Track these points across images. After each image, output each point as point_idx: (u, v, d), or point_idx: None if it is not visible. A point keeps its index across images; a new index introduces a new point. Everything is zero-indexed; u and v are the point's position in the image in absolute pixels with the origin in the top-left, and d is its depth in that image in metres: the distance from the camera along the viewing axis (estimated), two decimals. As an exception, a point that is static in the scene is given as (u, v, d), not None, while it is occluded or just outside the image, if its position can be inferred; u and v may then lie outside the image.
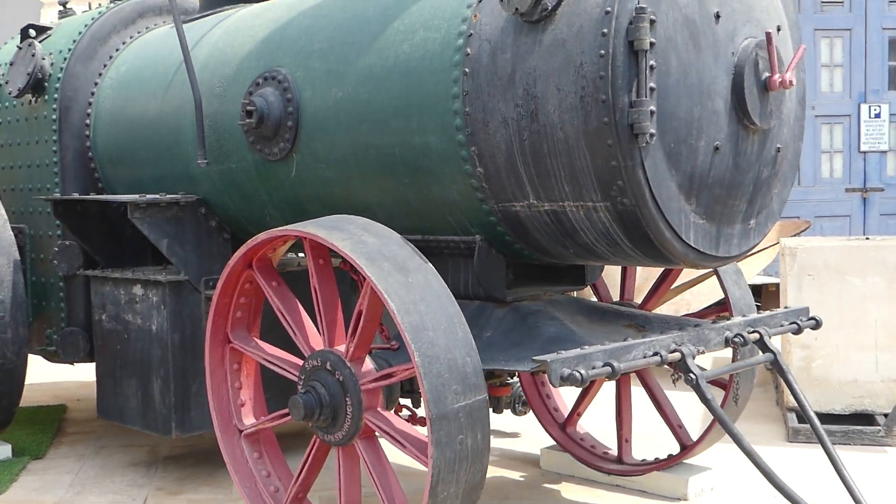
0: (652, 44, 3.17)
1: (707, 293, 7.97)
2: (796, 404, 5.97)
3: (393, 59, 3.84)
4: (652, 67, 3.18)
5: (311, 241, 3.50)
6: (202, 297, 4.76)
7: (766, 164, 3.65)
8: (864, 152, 10.81)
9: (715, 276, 4.60)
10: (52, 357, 5.68)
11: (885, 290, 5.76)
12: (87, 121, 5.41)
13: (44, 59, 5.48)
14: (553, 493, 4.83)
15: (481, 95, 3.51)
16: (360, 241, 3.41)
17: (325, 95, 4.10)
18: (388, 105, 3.84)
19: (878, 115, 10.73)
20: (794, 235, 7.53)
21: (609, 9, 3.19)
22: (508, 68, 3.43)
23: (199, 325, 4.74)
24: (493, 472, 4.96)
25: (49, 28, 5.93)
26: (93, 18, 5.60)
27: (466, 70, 3.55)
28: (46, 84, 5.48)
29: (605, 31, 3.18)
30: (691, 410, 5.42)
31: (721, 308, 4.71)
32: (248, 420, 4.10)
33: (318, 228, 3.49)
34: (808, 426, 5.56)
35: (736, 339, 3.75)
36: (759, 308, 10.07)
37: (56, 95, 5.42)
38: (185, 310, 4.77)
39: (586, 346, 3.30)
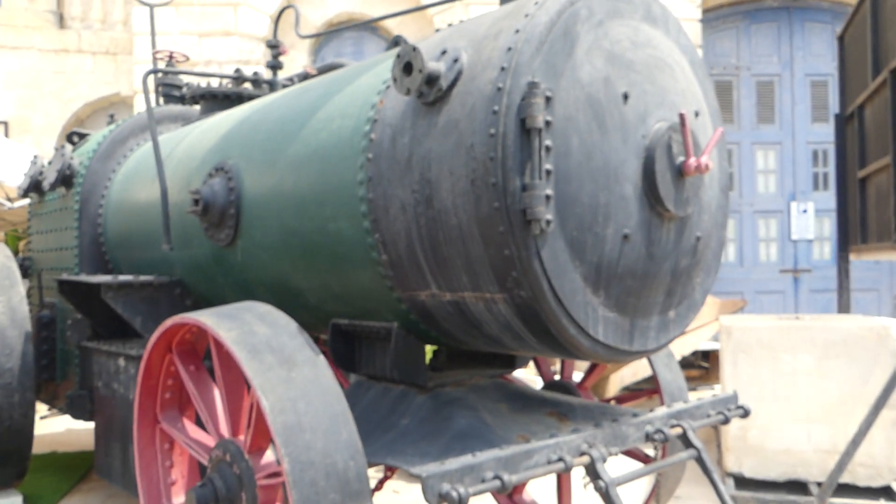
0: (548, 122, 2.06)
1: (677, 350, 6.68)
2: (737, 470, 4.68)
3: (313, 147, 2.77)
4: (548, 148, 2.05)
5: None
6: (175, 370, 3.68)
7: (685, 253, 2.47)
8: (795, 240, 9.55)
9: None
10: (70, 414, 4.63)
11: (814, 367, 4.46)
12: (100, 210, 4.43)
13: (72, 159, 4.56)
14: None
15: (382, 181, 2.41)
16: (250, 331, 2.31)
17: (261, 184, 3.04)
18: (307, 191, 2.76)
19: (805, 211, 9.51)
20: (732, 314, 6.24)
21: (500, 85, 2.09)
22: (406, 152, 2.33)
23: (172, 396, 3.65)
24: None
25: (89, 134, 5.05)
26: (117, 125, 4.68)
27: (369, 156, 2.46)
28: (74, 180, 4.55)
29: (496, 108, 2.08)
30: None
31: (649, 391, 3.48)
32: (178, 499, 2.97)
33: (210, 318, 2.40)
34: (745, 494, 4.24)
35: (656, 436, 2.54)
36: (706, 371, 8.76)
37: (79, 189, 4.48)
38: (158, 382, 3.68)
39: (477, 453, 2.11)
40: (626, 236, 2.22)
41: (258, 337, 2.29)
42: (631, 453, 3.38)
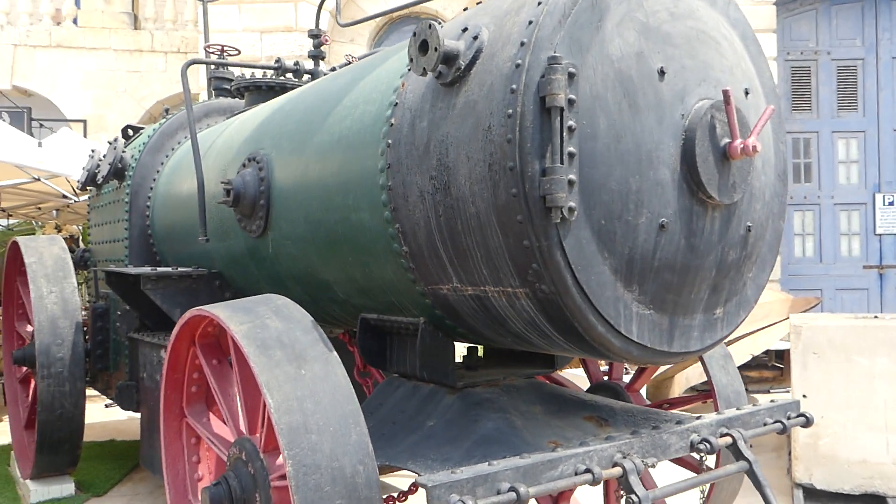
0: (571, 101, 1.87)
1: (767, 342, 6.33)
2: (806, 481, 4.35)
3: (338, 135, 2.65)
4: (571, 129, 1.87)
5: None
6: (215, 363, 3.65)
7: (733, 245, 2.24)
8: (880, 235, 8.95)
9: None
10: (119, 405, 4.68)
11: (894, 370, 4.09)
12: (148, 202, 4.45)
13: (124, 152, 4.60)
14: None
15: (401, 168, 2.27)
16: (262, 325, 2.21)
17: (288, 174, 2.95)
18: (331, 181, 2.65)
19: (891, 203, 8.90)
20: (804, 311, 5.85)
21: (520, 61, 1.91)
22: (424, 137, 2.18)
23: (211, 389, 3.63)
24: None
25: (142, 127, 5.10)
26: (167, 118, 4.70)
27: (389, 142, 2.33)
28: (126, 173, 4.59)
29: (514, 86, 1.90)
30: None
31: (707, 394, 3.22)
32: (206, 495, 2.91)
33: (224, 310, 2.32)
34: (812, 508, 3.93)
35: (701, 446, 2.31)
36: (781, 373, 8.28)
37: (129, 182, 4.51)
38: (198, 375, 3.66)
39: (494, 462, 1.94)
40: (663, 225, 2.01)
41: (270, 331, 2.18)
42: (682, 462, 3.14)
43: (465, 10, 2.48)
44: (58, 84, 11.55)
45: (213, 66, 5.01)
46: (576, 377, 4.35)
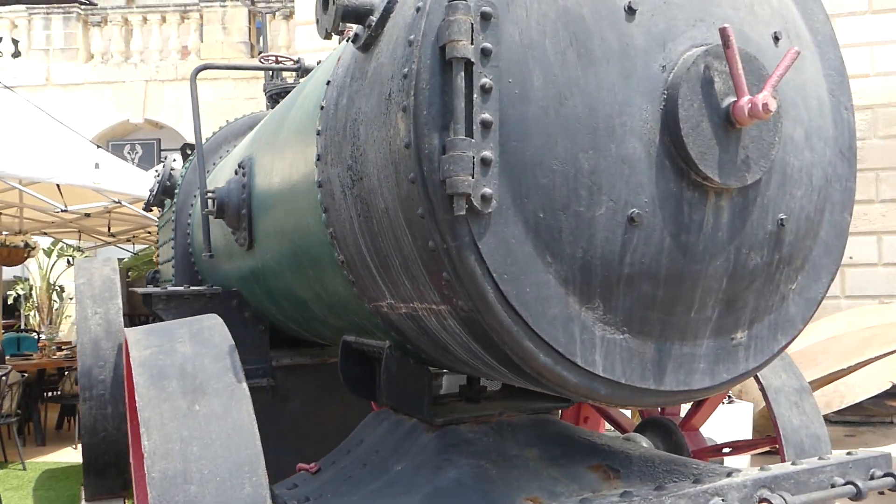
0: (486, 51, 1.38)
1: (862, 386, 5.38)
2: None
3: (294, 128, 2.28)
4: (486, 88, 1.37)
5: (139, 346, 1.99)
6: (233, 387, 3.38)
7: (757, 245, 1.63)
8: None
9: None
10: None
11: None
12: (189, 220, 4.30)
13: (173, 170, 4.50)
14: None
15: (328, 158, 1.85)
16: (170, 350, 1.86)
17: (262, 178, 2.60)
18: (286, 182, 2.28)
19: None
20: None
21: (420, 3, 1.45)
22: (343, 117, 1.74)
23: (229, 414, 3.37)
24: None
25: (201, 144, 5.00)
26: (213, 133, 4.56)
27: (319, 128, 1.91)
28: (175, 192, 4.48)
29: (412, 37, 1.44)
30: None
31: (774, 439, 2.51)
32: None
33: (139, 332, 2.00)
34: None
35: (722, 518, 1.69)
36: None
37: (176, 200, 4.39)
38: (214, 399, 3.42)
39: None
40: (634, 219, 1.46)
41: (174, 357, 1.83)
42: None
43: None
44: (183, 115, 12.11)
45: (269, 78, 4.82)
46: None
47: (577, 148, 1.42)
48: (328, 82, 1.93)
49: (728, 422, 4.20)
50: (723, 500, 1.74)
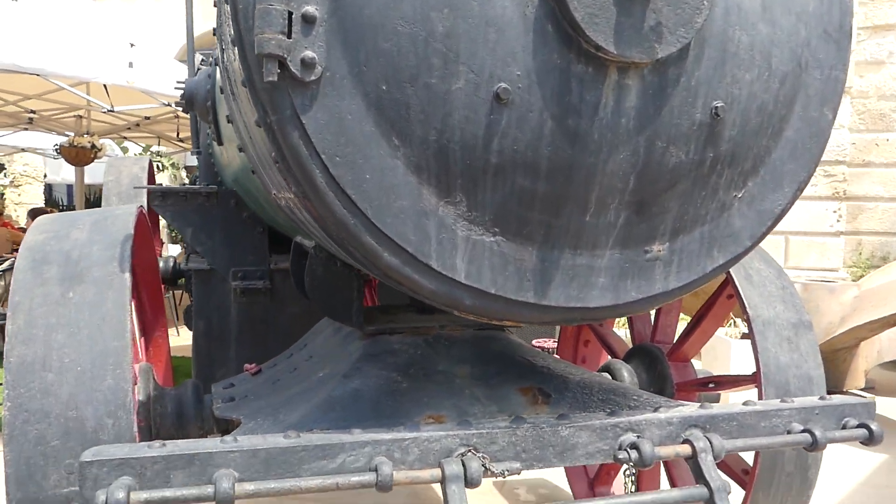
0: None
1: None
2: None
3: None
4: (310, -72, 1.13)
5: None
6: (230, 287, 3.36)
7: (680, 138, 1.32)
8: None
9: None
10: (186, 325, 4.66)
11: None
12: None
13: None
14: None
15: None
16: (63, 236, 1.78)
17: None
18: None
19: None
20: None
21: None
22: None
23: (226, 313, 3.37)
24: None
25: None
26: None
27: None
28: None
29: None
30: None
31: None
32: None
33: (48, 220, 1.91)
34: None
35: (623, 454, 1.46)
36: None
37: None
38: (212, 298, 3.40)
39: (206, 441, 1.32)
40: (500, 95, 1.20)
41: (63, 244, 1.74)
42: (725, 466, 2.21)
43: None
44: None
45: None
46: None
47: (427, 6, 1.16)
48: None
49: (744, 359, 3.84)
50: (637, 436, 1.50)
